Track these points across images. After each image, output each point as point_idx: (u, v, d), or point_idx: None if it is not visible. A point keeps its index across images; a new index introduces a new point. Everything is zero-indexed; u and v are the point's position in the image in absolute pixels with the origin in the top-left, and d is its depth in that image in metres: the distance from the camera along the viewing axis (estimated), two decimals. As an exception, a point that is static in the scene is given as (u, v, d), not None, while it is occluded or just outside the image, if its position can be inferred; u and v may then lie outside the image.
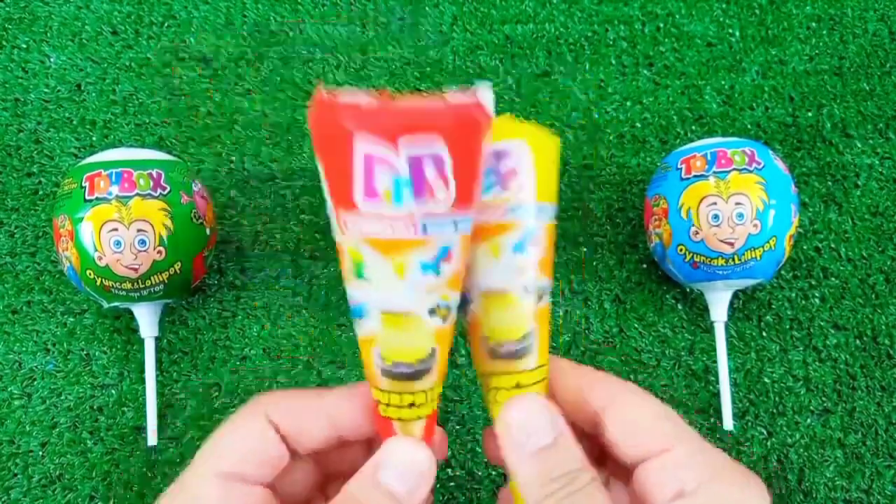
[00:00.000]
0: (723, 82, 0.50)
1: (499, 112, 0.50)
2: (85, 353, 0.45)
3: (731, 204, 0.39)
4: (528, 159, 0.28)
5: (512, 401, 0.26)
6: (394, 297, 0.25)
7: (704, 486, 0.23)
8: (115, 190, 0.39)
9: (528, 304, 0.28)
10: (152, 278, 0.40)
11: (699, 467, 0.23)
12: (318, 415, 0.26)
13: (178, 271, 0.40)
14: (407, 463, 0.25)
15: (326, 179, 0.24)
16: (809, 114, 0.50)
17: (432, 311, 0.26)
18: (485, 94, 0.22)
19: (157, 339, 0.43)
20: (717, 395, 0.44)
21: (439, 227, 0.24)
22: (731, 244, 0.39)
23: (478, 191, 0.24)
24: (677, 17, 0.52)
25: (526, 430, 0.25)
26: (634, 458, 0.25)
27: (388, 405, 0.26)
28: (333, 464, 0.29)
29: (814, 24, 0.52)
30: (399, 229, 0.24)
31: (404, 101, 0.21)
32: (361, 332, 0.26)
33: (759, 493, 0.24)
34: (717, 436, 0.44)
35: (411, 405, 0.26)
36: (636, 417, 0.25)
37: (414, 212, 0.23)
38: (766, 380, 0.45)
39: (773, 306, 0.46)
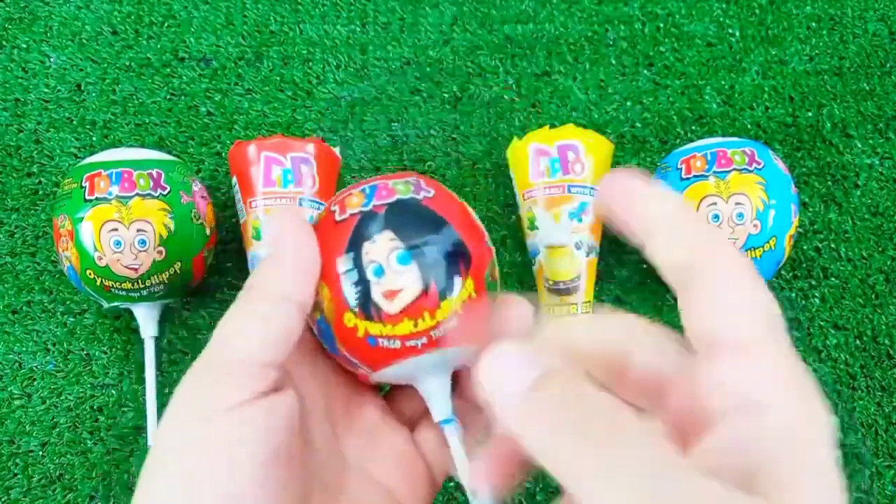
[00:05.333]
0: (723, 82, 0.50)
1: (499, 111, 0.51)
2: (85, 353, 0.45)
3: (731, 204, 0.39)
4: (583, 153, 0.41)
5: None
6: None
7: (779, 400, 0.18)
8: (115, 190, 0.39)
9: (579, 256, 0.41)
10: (152, 278, 0.40)
11: (776, 376, 0.18)
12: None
13: (178, 271, 0.40)
14: None
15: (240, 187, 0.42)
16: (809, 114, 0.50)
17: None
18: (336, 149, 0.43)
19: (157, 339, 0.43)
20: (717, 395, 0.44)
21: (308, 203, 0.41)
22: (731, 244, 0.39)
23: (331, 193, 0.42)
24: (677, 17, 0.52)
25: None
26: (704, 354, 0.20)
27: None
28: None
29: (814, 24, 0.52)
30: (285, 201, 0.40)
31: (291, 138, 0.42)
32: None
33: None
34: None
35: None
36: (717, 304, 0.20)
37: (293, 191, 0.40)
38: (766, 380, 0.45)
39: (773, 306, 0.46)
